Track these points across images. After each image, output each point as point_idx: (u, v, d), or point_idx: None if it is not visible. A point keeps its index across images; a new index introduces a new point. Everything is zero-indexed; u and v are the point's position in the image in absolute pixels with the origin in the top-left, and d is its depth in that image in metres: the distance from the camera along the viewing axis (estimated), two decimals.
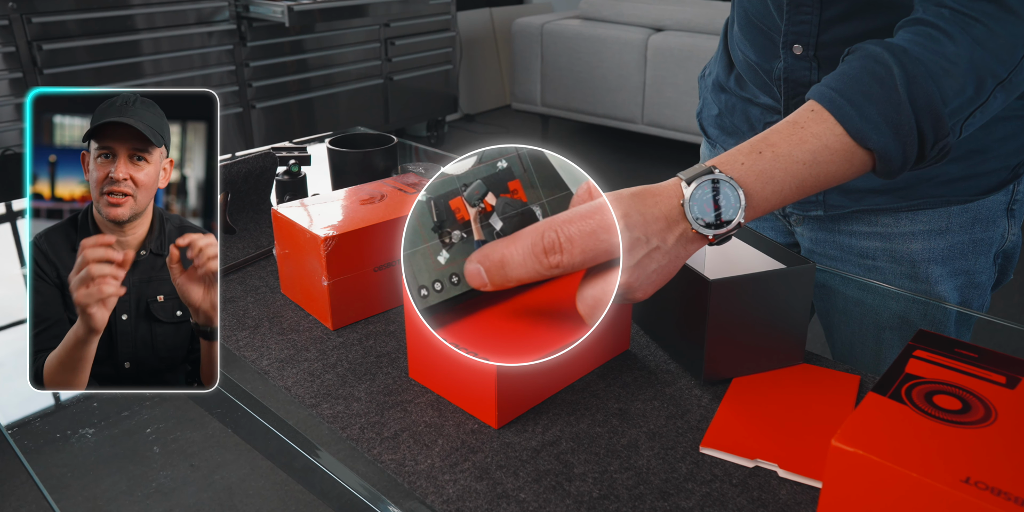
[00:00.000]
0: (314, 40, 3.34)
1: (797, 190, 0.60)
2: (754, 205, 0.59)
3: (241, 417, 0.69)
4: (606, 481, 0.58)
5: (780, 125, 0.61)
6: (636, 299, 0.59)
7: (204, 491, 0.86)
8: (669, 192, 0.58)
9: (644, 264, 0.56)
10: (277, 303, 0.85)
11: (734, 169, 0.59)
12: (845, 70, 0.61)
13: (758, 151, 0.59)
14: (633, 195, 0.57)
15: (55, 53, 2.59)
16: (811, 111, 0.61)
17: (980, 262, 0.85)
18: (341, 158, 1.04)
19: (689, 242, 0.59)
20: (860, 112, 0.59)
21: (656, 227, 0.57)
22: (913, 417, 0.49)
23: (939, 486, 0.43)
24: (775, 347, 0.71)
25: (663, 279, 0.59)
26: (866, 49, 0.62)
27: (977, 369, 0.54)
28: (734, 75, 0.92)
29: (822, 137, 0.59)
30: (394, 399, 0.68)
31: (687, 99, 3.55)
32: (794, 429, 0.63)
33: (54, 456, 0.73)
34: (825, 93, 0.60)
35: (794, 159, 0.59)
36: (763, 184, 0.59)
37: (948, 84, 0.59)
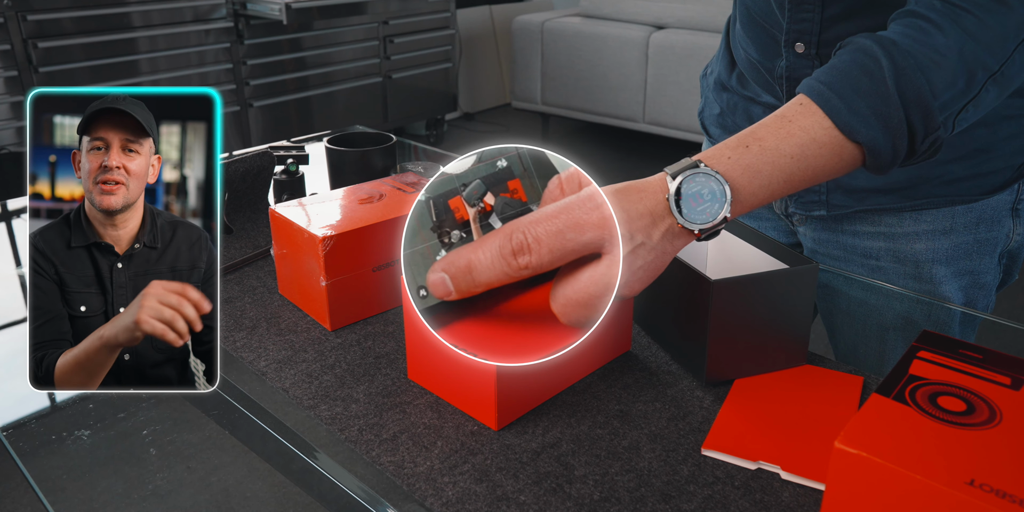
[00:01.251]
0: (312, 38, 3.34)
1: (785, 184, 0.60)
2: (741, 199, 0.59)
3: (239, 419, 0.69)
4: (607, 483, 0.58)
5: (768, 119, 0.61)
6: (624, 296, 0.59)
7: (201, 493, 0.86)
8: (654, 187, 0.58)
9: (630, 261, 0.56)
10: (275, 304, 0.85)
11: (720, 163, 0.59)
12: (835, 63, 0.62)
13: (745, 145, 0.59)
14: (616, 192, 0.57)
15: (50, 51, 2.59)
16: (799, 105, 0.61)
17: (985, 262, 0.85)
18: (339, 157, 1.04)
19: (675, 237, 0.59)
20: (848, 105, 0.59)
21: (640, 224, 0.57)
22: (917, 419, 0.49)
23: (943, 488, 0.43)
24: (778, 348, 0.71)
25: (650, 276, 0.59)
26: (856, 42, 0.62)
27: (982, 370, 0.54)
28: (736, 74, 0.92)
29: (810, 131, 0.59)
30: (393, 400, 0.68)
31: (689, 97, 3.55)
32: (797, 431, 0.63)
33: (49, 458, 0.73)
34: (814, 86, 0.61)
35: (781, 153, 0.59)
36: (750, 178, 0.59)
37: (938, 77, 0.59)
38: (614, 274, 0.49)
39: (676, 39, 3.54)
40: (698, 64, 3.44)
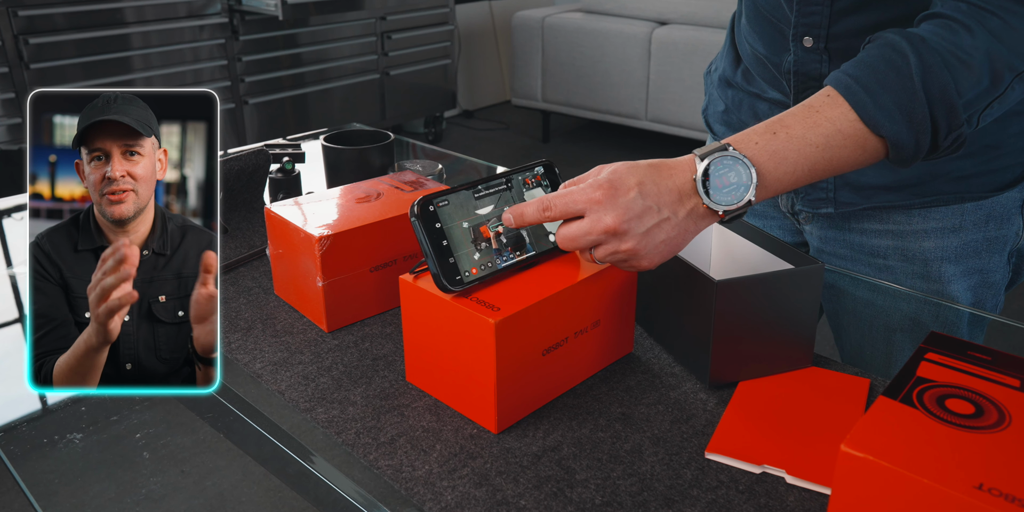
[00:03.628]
0: (308, 34, 3.34)
1: (809, 173, 0.63)
2: (766, 185, 0.62)
3: (233, 422, 0.70)
4: (609, 488, 0.58)
5: (796, 108, 0.64)
6: (642, 268, 0.63)
7: (195, 498, 0.86)
8: (684, 167, 0.63)
9: (653, 233, 0.61)
10: (270, 305, 0.85)
11: (748, 148, 0.62)
12: (863, 57, 0.64)
13: (772, 131, 0.63)
14: (650, 165, 0.63)
15: (42, 47, 2.59)
16: (827, 96, 0.64)
17: (994, 261, 0.85)
18: (336, 155, 1.04)
19: (700, 218, 0.62)
20: (874, 99, 0.62)
21: (669, 198, 0.61)
22: (925, 422, 0.49)
23: (951, 493, 0.43)
24: (782, 350, 0.71)
25: (670, 251, 0.63)
26: (885, 37, 0.64)
27: (991, 372, 0.54)
28: (741, 69, 0.92)
29: (836, 122, 0.62)
30: (391, 403, 0.68)
31: (692, 94, 3.54)
32: (802, 434, 0.63)
33: (41, 462, 0.73)
34: (841, 79, 0.63)
35: (807, 142, 0.62)
36: (776, 164, 0.62)
37: (964, 75, 0.62)
38: (584, 227, 0.61)
39: (679, 35, 3.54)
40: (702, 60, 3.44)
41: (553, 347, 0.66)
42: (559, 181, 0.73)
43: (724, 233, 0.82)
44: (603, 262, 0.63)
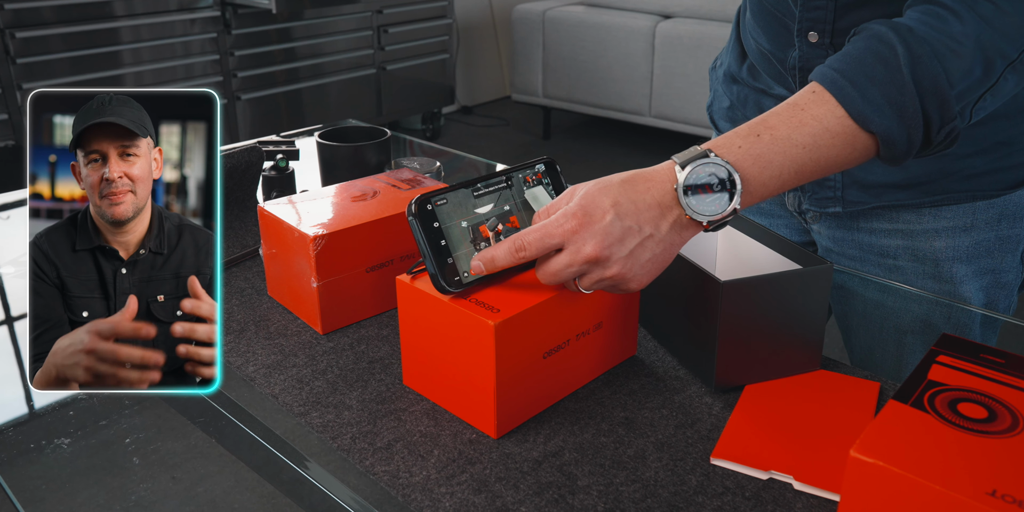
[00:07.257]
0: (303, 27, 3.34)
1: (796, 175, 0.61)
2: (751, 191, 0.60)
3: (226, 426, 0.70)
4: (611, 494, 0.58)
5: (780, 107, 0.62)
6: (631, 290, 0.62)
7: (186, 504, 0.86)
8: (662, 177, 0.60)
9: (637, 254, 0.59)
10: (264, 306, 0.85)
11: (731, 153, 0.60)
12: (848, 50, 0.62)
13: (756, 134, 0.61)
14: (623, 182, 0.60)
15: (29, 41, 2.59)
16: (812, 92, 0.62)
17: (1007, 260, 0.85)
18: (331, 152, 1.04)
19: (683, 229, 0.61)
20: (863, 93, 0.60)
21: (649, 215, 0.59)
22: (936, 426, 0.49)
23: (963, 499, 0.43)
24: (790, 352, 0.71)
25: (659, 267, 0.61)
26: (871, 29, 0.63)
27: (1004, 375, 0.54)
28: (747, 65, 0.92)
29: (823, 120, 0.60)
30: (387, 407, 0.68)
31: (697, 90, 3.55)
32: (810, 439, 0.63)
33: (28, 468, 0.73)
34: (827, 74, 0.61)
35: (793, 143, 0.60)
36: (761, 169, 0.60)
37: (955, 65, 0.60)
38: (564, 260, 0.60)
39: (684, 29, 3.54)
40: (706, 55, 3.44)
41: (554, 350, 0.66)
42: (560, 179, 0.72)
43: (730, 233, 0.82)
44: (590, 290, 0.62)
